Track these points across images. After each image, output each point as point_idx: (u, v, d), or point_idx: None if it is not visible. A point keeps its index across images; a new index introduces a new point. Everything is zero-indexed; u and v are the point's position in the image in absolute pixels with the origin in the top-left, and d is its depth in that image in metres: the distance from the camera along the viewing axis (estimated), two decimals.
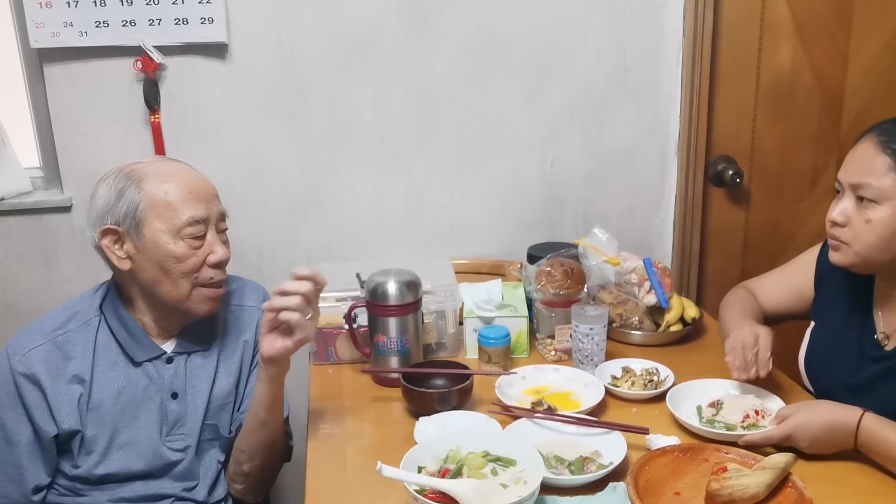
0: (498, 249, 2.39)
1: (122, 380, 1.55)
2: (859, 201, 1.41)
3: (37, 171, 2.24)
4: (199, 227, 1.52)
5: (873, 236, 1.40)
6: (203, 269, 1.53)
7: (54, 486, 1.55)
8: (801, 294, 1.72)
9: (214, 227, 1.55)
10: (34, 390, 1.51)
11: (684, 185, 2.40)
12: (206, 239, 1.54)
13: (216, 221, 1.56)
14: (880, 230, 1.39)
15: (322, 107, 2.23)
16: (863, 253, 1.43)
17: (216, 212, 1.56)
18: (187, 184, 1.53)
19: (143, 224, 1.50)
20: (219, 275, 1.56)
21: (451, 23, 2.21)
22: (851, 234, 1.43)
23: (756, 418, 1.50)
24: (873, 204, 1.39)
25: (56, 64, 2.10)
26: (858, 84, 2.36)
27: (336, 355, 1.85)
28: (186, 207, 1.50)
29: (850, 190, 1.43)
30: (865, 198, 1.40)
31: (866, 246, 1.42)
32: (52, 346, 1.53)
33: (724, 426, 1.50)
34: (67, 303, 1.62)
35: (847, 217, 1.43)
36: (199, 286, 1.54)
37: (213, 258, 1.54)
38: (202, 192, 1.54)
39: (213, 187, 1.58)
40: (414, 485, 1.25)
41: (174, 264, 1.51)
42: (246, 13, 2.13)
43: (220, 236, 1.57)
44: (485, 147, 2.32)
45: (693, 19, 2.26)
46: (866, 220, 1.40)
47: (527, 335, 1.86)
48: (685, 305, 1.94)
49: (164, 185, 1.51)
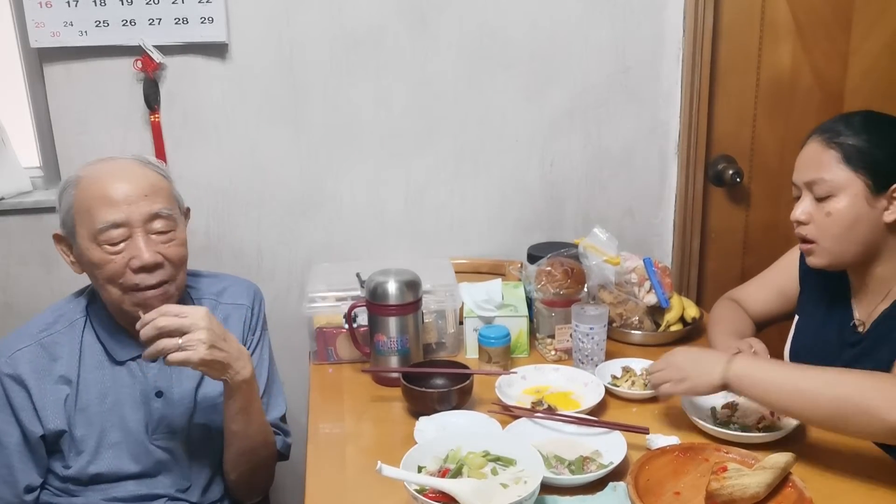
0: (498, 249, 2.39)
1: (108, 380, 1.54)
2: (818, 202, 1.48)
3: (37, 171, 2.24)
4: (117, 232, 1.45)
5: (836, 227, 1.47)
6: (127, 275, 1.46)
7: (47, 486, 1.55)
8: (786, 294, 1.77)
9: (143, 230, 1.47)
10: (20, 391, 1.50)
11: (684, 185, 2.40)
12: (130, 243, 1.46)
13: (144, 223, 1.47)
14: (840, 219, 1.46)
15: (322, 107, 2.23)
16: (832, 248, 1.49)
17: (142, 213, 1.47)
18: (107, 186, 1.47)
19: (74, 230, 1.49)
20: (147, 279, 1.47)
21: (451, 23, 2.21)
22: (816, 229, 1.49)
23: (772, 419, 1.50)
24: (830, 197, 1.46)
25: (56, 64, 2.10)
26: (858, 84, 2.36)
27: (336, 355, 1.85)
28: (100, 212, 1.45)
29: (807, 189, 1.50)
30: (821, 194, 1.47)
31: (833, 238, 1.48)
32: (38, 347, 1.53)
33: (740, 427, 1.49)
34: (54, 305, 1.61)
35: (809, 215, 1.50)
36: (130, 291, 1.48)
37: (135, 263, 1.46)
38: (122, 195, 1.46)
39: (148, 186, 1.49)
40: (414, 484, 1.25)
41: (96, 270, 1.48)
42: (246, 13, 2.13)
43: (156, 238, 1.49)
44: (485, 147, 2.32)
45: (693, 19, 2.26)
46: (826, 214, 1.47)
47: (527, 335, 1.86)
48: (685, 305, 1.94)
49: (89, 188, 1.47)
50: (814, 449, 1.45)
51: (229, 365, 1.43)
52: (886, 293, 1.51)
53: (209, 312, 1.42)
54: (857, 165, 1.44)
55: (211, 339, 1.39)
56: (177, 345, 1.37)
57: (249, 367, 1.48)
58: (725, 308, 1.86)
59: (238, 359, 1.45)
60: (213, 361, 1.40)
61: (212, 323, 1.41)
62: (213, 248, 2.27)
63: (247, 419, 1.52)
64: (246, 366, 1.47)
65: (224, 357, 1.41)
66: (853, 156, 1.44)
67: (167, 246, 1.50)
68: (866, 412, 1.28)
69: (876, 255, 1.49)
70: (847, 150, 1.45)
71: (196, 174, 2.21)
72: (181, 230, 1.55)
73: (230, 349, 1.43)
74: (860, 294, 1.57)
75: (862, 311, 1.57)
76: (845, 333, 1.57)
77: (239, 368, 1.45)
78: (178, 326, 1.38)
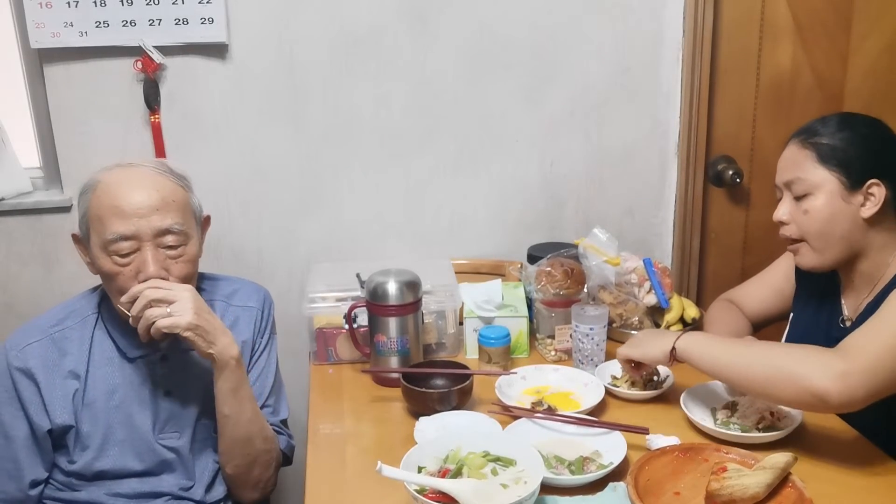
0: (498, 249, 2.39)
1: (117, 376, 1.55)
2: (796, 201, 1.54)
3: (37, 171, 2.24)
4: (126, 244, 1.45)
5: (815, 224, 1.52)
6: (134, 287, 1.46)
7: (51, 481, 1.56)
8: (783, 292, 1.80)
9: (152, 244, 1.47)
10: (29, 385, 1.51)
11: (684, 185, 2.40)
12: (139, 256, 1.46)
13: (154, 237, 1.47)
14: (818, 216, 1.51)
15: (322, 107, 2.23)
16: (814, 245, 1.54)
17: (153, 227, 1.46)
18: (119, 196, 1.46)
19: (89, 235, 1.50)
20: None
21: (451, 23, 2.21)
22: (797, 228, 1.55)
23: (772, 420, 1.50)
24: (807, 196, 1.52)
25: (56, 64, 2.10)
26: (858, 84, 2.36)
27: (336, 355, 1.85)
28: (111, 223, 1.45)
29: (787, 189, 1.57)
30: (799, 192, 1.53)
31: (813, 235, 1.53)
32: (48, 341, 1.54)
33: (740, 428, 1.50)
34: (67, 301, 1.63)
35: (790, 214, 1.56)
36: None
37: (141, 277, 1.46)
38: (134, 207, 1.45)
39: (160, 200, 1.48)
40: (414, 485, 1.25)
41: (106, 280, 1.50)
42: (246, 13, 2.13)
43: (165, 252, 1.48)
44: (485, 147, 2.32)
45: (693, 19, 2.26)
46: (804, 212, 1.53)
47: (527, 335, 1.86)
48: (685, 305, 1.94)
49: (102, 196, 1.48)
50: (814, 449, 1.45)
51: (215, 336, 1.47)
52: (871, 288, 1.55)
53: (193, 289, 1.48)
54: (831, 164, 1.50)
55: (196, 307, 1.44)
56: (165, 312, 1.42)
57: (235, 348, 1.50)
58: (721, 309, 1.89)
59: (224, 334, 1.49)
60: (200, 327, 1.44)
61: (196, 297, 1.47)
62: (213, 248, 2.26)
63: (238, 403, 1.52)
64: (232, 345, 1.50)
65: (209, 326, 1.46)
66: (827, 154, 1.50)
67: (175, 262, 1.50)
68: (795, 380, 1.34)
69: (860, 252, 1.54)
70: (821, 150, 1.51)
71: (196, 174, 2.16)
72: (193, 245, 1.54)
73: (215, 322, 1.48)
74: (848, 290, 1.62)
75: (850, 307, 1.61)
76: (833, 329, 1.61)
77: (226, 343, 1.48)
78: (164, 297, 1.43)
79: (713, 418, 1.54)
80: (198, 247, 1.57)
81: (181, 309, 1.43)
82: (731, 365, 1.44)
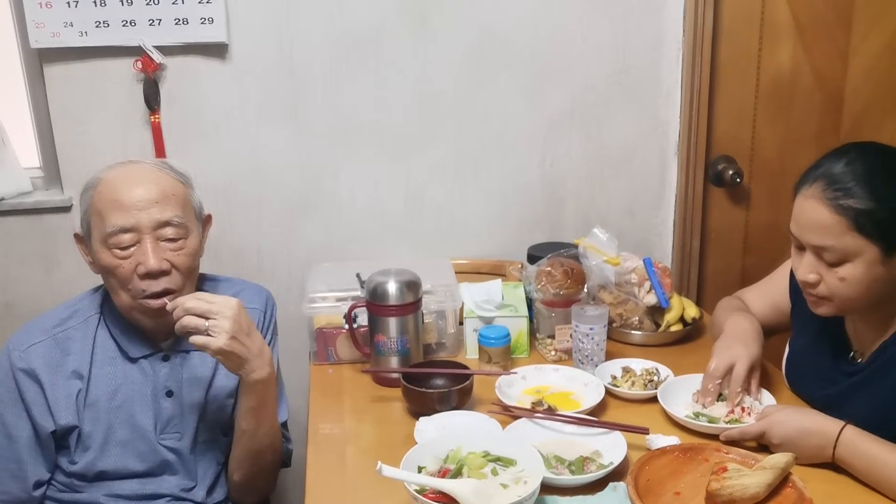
0: (498, 249, 2.39)
1: (119, 376, 1.55)
2: (828, 265, 1.39)
3: (37, 171, 2.24)
4: (126, 237, 1.46)
5: (854, 291, 1.38)
6: (134, 281, 1.47)
7: (52, 481, 1.56)
8: (780, 308, 1.73)
9: (152, 236, 1.47)
10: (33, 386, 1.51)
11: (684, 185, 2.39)
12: (138, 248, 1.47)
13: (154, 229, 1.48)
14: (856, 284, 1.38)
15: (322, 107, 2.23)
16: (845, 306, 1.43)
17: (153, 219, 1.47)
18: (120, 190, 1.48)
19: (90, 232, 1.51)
20: (153, 286, 1.48)
21: (452, 23, 2.21)
22: (828, 290, 1.41)
23: (741, 414, 1.52)
24: (843, 263, 1.37)
25: (56, 64, 2.10)
26: (858, 84, 2.36)
27: (336, 355, 1.85)
28: (111, 216, 1.46)
29: (813, 252, 1.41)
30: (833, 260, 1.38)
31: (848, 300, 1.41)
32: (51, 342, 1.54)
33: (708, 419, 1.52)
34: (69, 301, 1.63)
35: (818, 274, 1.41)
36: (137, 298, 1.49)
37: (141, 269, 1.46)
38: (133, 200, 1.46)
39: (160, 193, 1.49)
40: (414, 485, 1.25)
41: (107, 275, 1.50)
42: (246, 13, 2.13)
43: (165, 245, 1.49)
44: (485, 147, 2.32)
45: (693, 19, 2.26)
46: (840, 279, 1.38)
47: (527, 335, 1.86)
48: (685, 305, 1.94)
49: (104, 191, 1.49)
50: None
51: (247, 360, 1.44)
52: (885, 324, 1.46)
53: (240, 305, 1.44)
54: (869, 232, 1.33)
55: (234, 330, 1.41)
56: (204, 326, 1.39)
57: (268, 368, 1.48)
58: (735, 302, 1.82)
59: (258, 356, 1.46)
60: (231, 353, 1.41)
61: (240, 315, 1.43)
62: (213, 248, 2.25)
63: (257, 420, 1.52)
64: (264, 366, 1.47)
65: (242, 351, 1.43)
66: (865, 223, 1.33)
67: (176, 254, 1.50)
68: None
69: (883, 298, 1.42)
70: (857, 216, 1.33)
71: (196, 174, 2.15)
72: (193, 239, 1.55)
73: (251, 346, 1.45)
74: (855, 320, 1.53)
75: (858, 341, 1.53)
76: (842, 363, 1.53)
77: (256, 367, 1.46)
78: (206, 311, 1.40)
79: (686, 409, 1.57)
80: (198, 242, 1.57)
81: (218, 329, 1.40)
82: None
